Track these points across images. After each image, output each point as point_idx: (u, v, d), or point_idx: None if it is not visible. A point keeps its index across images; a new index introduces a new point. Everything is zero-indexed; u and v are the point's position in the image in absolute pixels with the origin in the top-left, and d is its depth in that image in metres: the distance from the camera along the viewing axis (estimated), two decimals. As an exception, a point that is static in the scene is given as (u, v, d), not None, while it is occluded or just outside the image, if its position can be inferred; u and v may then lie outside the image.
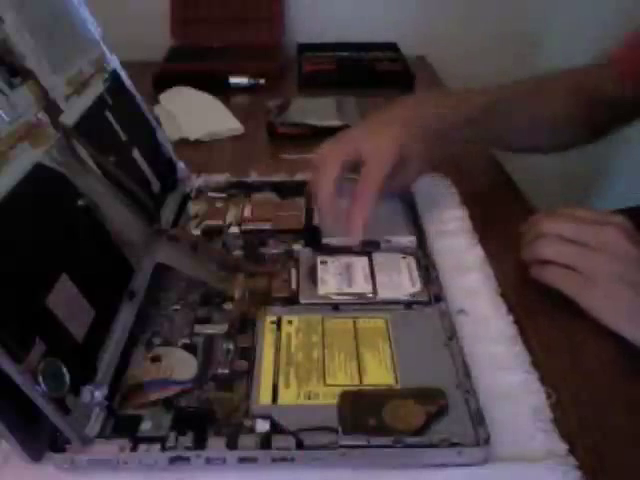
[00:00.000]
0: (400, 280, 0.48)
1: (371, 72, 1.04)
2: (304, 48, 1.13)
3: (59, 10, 0.51)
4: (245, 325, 0.45)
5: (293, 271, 0.50)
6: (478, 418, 0.36)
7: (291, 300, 0.47)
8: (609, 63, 0.66)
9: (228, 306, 0.47)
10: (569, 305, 0.46)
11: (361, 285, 0.48)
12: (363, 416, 0.36)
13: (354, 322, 0.44)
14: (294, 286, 0.48)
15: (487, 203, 0.61)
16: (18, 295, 0.34)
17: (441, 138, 0.57)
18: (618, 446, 0.35)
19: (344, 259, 0.51)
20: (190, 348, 0.43)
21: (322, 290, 0.48)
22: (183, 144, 0.76)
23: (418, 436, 0.35)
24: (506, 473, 0.35)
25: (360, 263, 0.50)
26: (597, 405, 0.40)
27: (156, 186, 0.57)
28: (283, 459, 0.35)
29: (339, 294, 0.47)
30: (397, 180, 0.54)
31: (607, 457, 0.36)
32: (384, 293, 0.47)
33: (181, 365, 0.41)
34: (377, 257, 0.51)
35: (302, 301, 0.47)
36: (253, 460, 0.35)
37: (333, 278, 0.49)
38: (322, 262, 0.51)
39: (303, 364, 0.41)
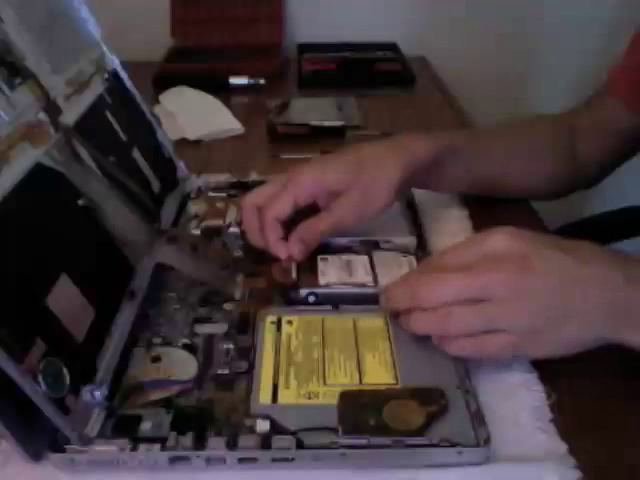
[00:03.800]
0: (401, 274, 0.48)
1: (371, 72, 1.04)
2: (304, 48, 1.13)
3: (59, 10, 0.51)
4: (245, 325, 0.45)
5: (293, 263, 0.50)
6: (478, 418, 0.36)
7: (291, 289, 0.47)
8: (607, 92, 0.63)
9: (228, 306, 0.47)
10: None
11: (362, 276, 0.48)
12: (363, 416, 0.36)
13: (354, 322, 0.44)
14: (294, 276, 0.48)
15: (487, 202, 0.61)
16: (18, 295, 0.34)
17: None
18: (618, 446, 0.35)
19: (344, 257, 0.51)
20: (190, 348, 0.43)
21: (323, 280, 0.48)
22: (183, 144, 0.76)
23: (418, 436, 0.35)
24: (506, 473, 0.35)
25: (361, 260, 0.50)
26: (597, 405, 0.40)
27: (156, 186, 0.57)
28: (283, 459, 0.35)
29: (340, 284, 0.47)
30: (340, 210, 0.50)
31: (607, 457, 0.36)
32: (385, 283, 0.47)
33: (181, 365, 0.41)
34: (377, 255, 0.51)
35: (302, 291, 0.47)
36: (253, 460, 0.35)
37: (334, 271, 0.49)
38: (322, 259, 0.50)
39: (303, 364, 0.41)
